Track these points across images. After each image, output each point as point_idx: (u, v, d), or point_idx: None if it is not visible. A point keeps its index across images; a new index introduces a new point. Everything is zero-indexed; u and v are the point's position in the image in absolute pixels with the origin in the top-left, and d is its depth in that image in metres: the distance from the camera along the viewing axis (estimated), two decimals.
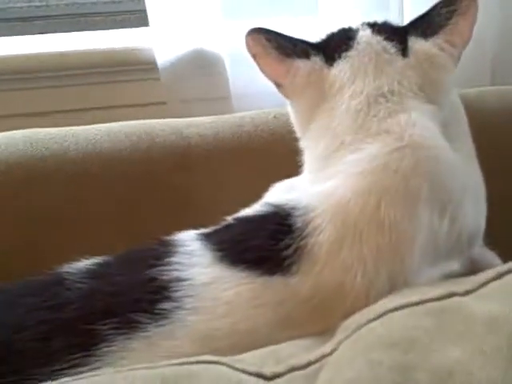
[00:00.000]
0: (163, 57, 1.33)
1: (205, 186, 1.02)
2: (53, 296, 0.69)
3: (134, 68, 1.41)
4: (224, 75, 1.34)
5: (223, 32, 1.31)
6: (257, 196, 0.89)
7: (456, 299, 0.61)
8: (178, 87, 1.36)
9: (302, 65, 0.84)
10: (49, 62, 1.39)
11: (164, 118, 1.32)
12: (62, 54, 1.40)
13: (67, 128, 1.04)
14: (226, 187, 1.02)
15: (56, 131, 1.01)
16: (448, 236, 0.74)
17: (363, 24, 0.88)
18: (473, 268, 0.80)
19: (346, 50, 0.84)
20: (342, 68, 0.83)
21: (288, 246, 0.70)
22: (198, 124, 1.03)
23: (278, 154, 1.03)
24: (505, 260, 0.85)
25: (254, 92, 1.28)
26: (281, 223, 0.72)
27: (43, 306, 0.68)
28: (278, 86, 0.88)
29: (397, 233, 0.69)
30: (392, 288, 0.68)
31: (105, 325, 0.65)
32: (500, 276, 0.62)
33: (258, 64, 0.86)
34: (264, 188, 0.91)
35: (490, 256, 0.90)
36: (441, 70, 0.84)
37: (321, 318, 0.68)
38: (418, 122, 0.77)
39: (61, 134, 1.00)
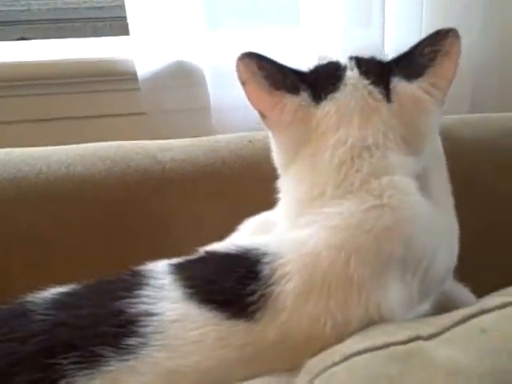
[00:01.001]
0: (144, 67, 1.34)
1: (180, 211, 1.01)
2: (17, 328, 0.68)
3: (114, 78, 1.41)
4: (204, 86, 1.35)
5: (205, 43, 1.31)
6: (230, 223, 0.89)
7: (420, 343, 0.61)
8: (159, 98, 1.37)
9: (290, 101, 0.82)
10: (27, 71, 1.39)
11: (144, 128, 1.34)
12: (40, 63, 1.40)
13: (40, 149, 1.03)
14: (200, 213, 1.02)
15: (28, 152, 1.00)
16: (421, 286, 0.75)
17: (351, 60, 0.86)
18: (445, 302, 0.82)
19: (333, 90, 0.82)
20: (328, 111, 0.81)
21: (253, 292, 0.69)
22: (172, 147, 1.02)
23: (252, 181, 1.02)
24: (478, 294, 0.85)
25: (234, 104, 1.28)
26: (249, 268, 0.71)
27: (6, 338, 0.67)
28: (262, 116, 0.85)
29: (366, 291, 0.70)
30: None
31: (66, 359, 0.64)
32: (464, 320, 0.63)
33: (246, 91, 0.83)
34: (238, 215, 0.90)
35: (463, 291, 0.91)
36: (426, 114, 0.82)
37: (289, 359, 0.68)
38: (399, 183, 0.77)
39: (33, 155, 0.99)
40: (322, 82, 0.84)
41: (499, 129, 1.07)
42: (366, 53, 1.29)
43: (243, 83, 0.83)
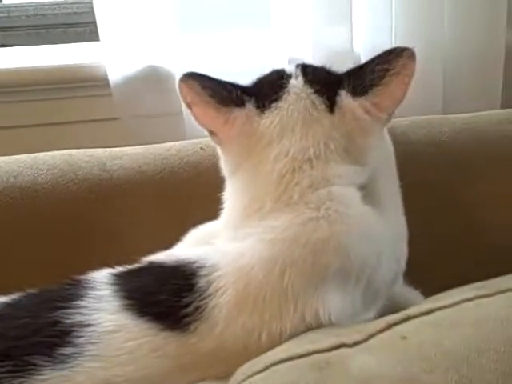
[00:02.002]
0: (115, 73, 1.33)
1: (127, 221, 1.01)
2: None
3: (86, 84, 1.40)
4: (176, 91, 1.33)
5: (177, 47, 1.31)
6: (178, 231, 0.89)
7: (343, 351, 0.61)
8: (131, 103, 1.36)
9: (239, 114, 0.82)
10: (1, 78, 1.39)
11: (117, 134, 1.33)
12: (14, 70, 1.40)
13: None
14: (148, 222, 1.02)
15: None
16: (366, 293, 0.75)
17: (298, 67, 0.86)
18: (393, 306, 0.80)
19: (276, 99, 0.82)
20: (271, 121, 0.81)
21: (188, 304, 0.70)
22: (122, 155, 1.03)
23: (201, 189, 1.02)
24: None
25: None
26: (185, 281, 0.72)
27: None
28: (211, 133, 0.85)
29: (302, 301, 0.70)
30: None
31: (1, 367, 0.65)
32: (389, 327, 0.62)
33: (194, 113, 0.83)
34: (186, 224, 0.91)
35: (413, 295, 0.91)
36: (364, 134, 0.81)
37: (225, 368, 0.68)
38: (337, 195, 0.77)
39: None
40: (265, 90, 0.84)
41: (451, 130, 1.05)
42: (336, 54, 1.33)
43: (189, 105, 0.83)
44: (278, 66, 1.30)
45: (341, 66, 0.87)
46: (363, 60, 1.35)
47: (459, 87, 1.37)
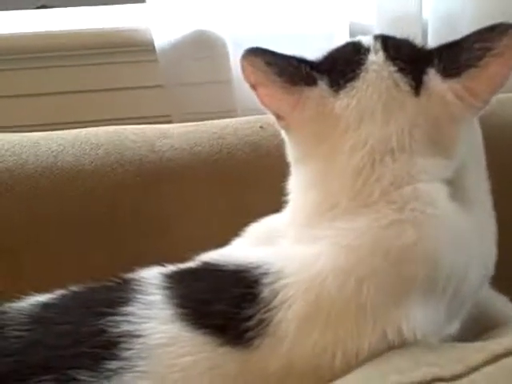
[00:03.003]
0: (161, 37, 1.26)
1: (178, 208, 0.92)
2: None
3: (129, 49, 1.34)
4: (226, 58, 1.27)
5: (227, 10, 1.25)
6: (234, 223, 0.80)
7: None
8: (177, 70, 1.30)
9: (311, 94, 0.72)
10: (39, 43, 1.33)
11: (162, 102, 1.27)
12: (53, 34, 1.34)
13: (29, 135, 0.95)
14: (200, 211, 0.93)
15: (17, 139, 0.92)
16: (450, 306, 0.67)
17: (377, 40, 0.75)
18: (478, 314, 0.74)
19: (353, 78, 0.72)
20: (347, 104, 0.71)
21: (251, 317, 0.62)
22: (172, 134, 0.93)
23: (261, 175, 0.92)
24: None
25: None
26: (247, 289, 0.64)
27: None
28: (279, 118, 0.76)
29: (382, 318, 0.62)
30: None
31: (39, 382, 0.59)
32: (496, 359, 0.52)
33: (259, 95, 0.74)
34: (243, 214, 0.81)
35: (501, 301, 0.81)
36: (453, 122, 0.70)
37: None
38: (424, 193, 0.67)
39: (21, 142, 0.91)
40: (339, 67, 0.74)
41: None
42: (401, 20, 1.22)
43: (254, 86, 0.74)
44: (339, 32, 1.22)
45: (407, 35, 0.77)
46: (431, 28, 1.25)
47: None
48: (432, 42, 1.19)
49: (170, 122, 1.16)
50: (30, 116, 1.33)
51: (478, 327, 0.73)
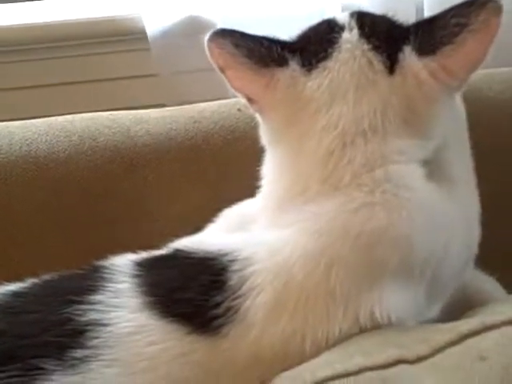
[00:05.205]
0: (153, 25, 1.25)
1: (153, 194, 0.90)
2: None
3: (121, 38, 1.34)
4: None
5: None
6: (209, 207, 0.78)
7: (402, 368, 0.50)
8: (170, 58, 1.29)
9: (282, 75, 0.70)
10: (30, 34, 1.33)
11: (155, 91, 1.25)
12: (44, 25, 1.33)
13: (3, 124, 0.94)
14: (176, 196, 0.91)
15: None
16: (430, 290, 0.65)
17: (352, 17, 0.72)
18: (465, 297, 0.73)
19: (325, 58, 0.69)
20: (318, 84, 0.68)
21: (218, 305, 0.61)
22: (148, 119, 0.91)
23: (237, 159, 0.91)
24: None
25: None
26: (214, 276, 0.63)
27: None
28: (251, 101, 0.73)
29: (354, 303, 0.60)
30: None
31: (3, 372, 0.58)
32: (462, 339, 0.50)
33: (228, 78, 0.71)
34: (218, 199, 0.80)
35: (487, 284, 0.80)
36: (428, 102, 0.68)
37: (259, 378, 0.59)
38: (396, 175, 0.65)
39: None
40: (311, 46, 0.71)
41: None
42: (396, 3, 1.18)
43: (222, 69, 0.71)
44: (331, 13, 1.20)
45: (402, 15, 0.73)
46: (427, 8, 1.22)
47: None
48: None
49: None
50: (22, 108, 1.31)
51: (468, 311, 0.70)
